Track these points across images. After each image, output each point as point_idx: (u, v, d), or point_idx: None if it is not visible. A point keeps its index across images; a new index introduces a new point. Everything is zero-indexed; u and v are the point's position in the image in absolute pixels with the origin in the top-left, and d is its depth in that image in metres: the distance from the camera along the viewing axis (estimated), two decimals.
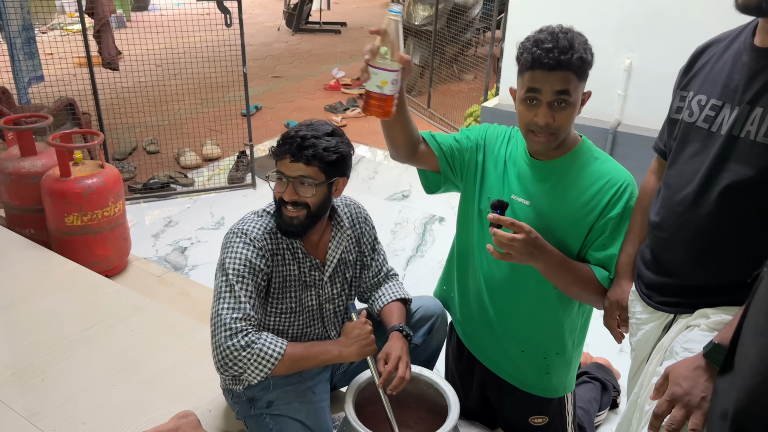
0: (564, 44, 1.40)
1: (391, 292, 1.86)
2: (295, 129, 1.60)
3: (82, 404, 1.96)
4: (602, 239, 1.53)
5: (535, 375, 1.74)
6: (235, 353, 1.53)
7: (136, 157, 4.42)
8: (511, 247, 1.41)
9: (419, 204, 3.91)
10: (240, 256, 1.60)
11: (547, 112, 1.44)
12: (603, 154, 1.59)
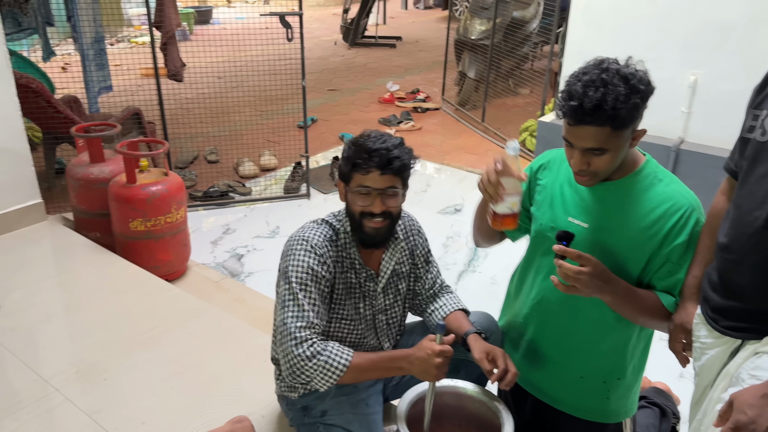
0: (597, 98, 1.32)
1: (451, 302, 1.87)
2: (371, 141, 1.59)
3: (141, 404, 2.03)
4: (668, 266, 1.48)
5: (594, 401, 1.69)
6: (302, 363, 1.55)
7: (197, 165, 4.55)
8: (577, 280, 1.39)
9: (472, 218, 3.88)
10: (302, 263, 1.62)
11: (581, 159, 1.41)
12: (668, 175, 1.52)
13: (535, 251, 1.68)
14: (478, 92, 5.85)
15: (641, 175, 1.50)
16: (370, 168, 1.57)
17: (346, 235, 1.69)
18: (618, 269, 1.50)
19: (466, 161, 4.82)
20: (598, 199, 1.53)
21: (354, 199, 1.62)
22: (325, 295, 1.65)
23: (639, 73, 1.38)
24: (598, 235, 1.52)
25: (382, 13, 11.16)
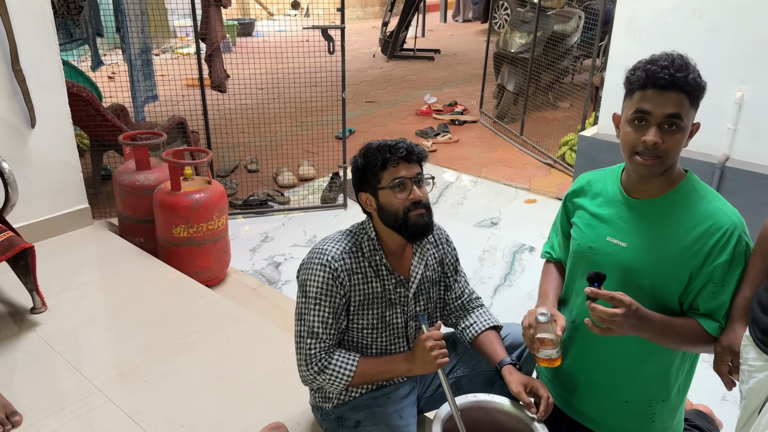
0: (680, 63, 1.37)
1: (483, 319, 1.85)
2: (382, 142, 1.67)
3: (181, 407, 2.07)
4: (711, 287, 1.44)
5: (638, 425, 1.65)
6: (310, 377, 1.69)
7: (238, 174, 4.64)
8: (611, 322, 1.38)
9: (508, 232, 3.86)
10: (317, 278, 1.65)
11: (657, 131, 1.39)
12: (710, 192, 1.48)
13: (575, 273, 1.66)
14: (517, 105, 5.82)
15: (682, 192, 1.47)
16: (399, 160, 1.63)
17: (370, 242, 1.71)
18: (659, 289, 1.48)
19: (503, 174, 4.80)
20: (638, 217, 1.51)
21: (391, 198, 1.64)
22: (339, 308, 1.68)
23: None
24: (637, 254, 1.49)
25: (420, 26, 11.21)
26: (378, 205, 1.67)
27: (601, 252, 1.56)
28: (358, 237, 1.72)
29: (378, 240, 1.72)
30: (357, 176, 1.70)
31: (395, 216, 1.66)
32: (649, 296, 1.50)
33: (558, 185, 4.53)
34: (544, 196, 4.39)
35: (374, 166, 1.64)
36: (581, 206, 1.66)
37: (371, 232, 1.72)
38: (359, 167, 1.68)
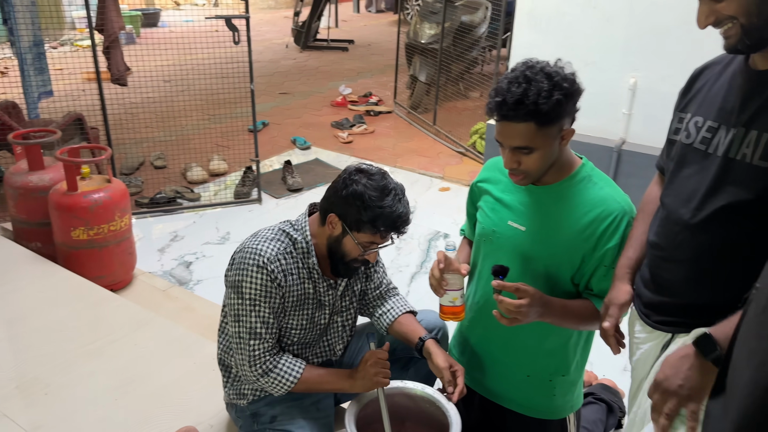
0: (520, 93, 1.35)
1: (399, 305, 1.89)
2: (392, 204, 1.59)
3: (85, 418, 1.97)
4: (602, 270, 1.52)
5: (540, 398, 1.73)
6: (254, 379, 1.66)
7: (144, 171, 4.45)
8: (518, 313, 1.44)
9: (424, 220, 3.91)
10: (254, 279, 1.60)
11: (511, 157, 1.46)
12: (602, 179, 1.55)
13: (479, 254, 1.71)
14: (429, 96, 5.90)
15: (576, 179, 1.54)
16: (378, 233, 1.61)
17: (306, 245, 1.68)
18: (552, 271, 1.55)
19: (418, 164, 4.86)
20: (535, 202, 1.57)
21: (353, 246, 1.63)
22: (276, 310, 1.65)
23: (564, 71, 1.41)
24: (535, 238, 1.55)
25: (333, 16, 11.15)
26: (338, 237, 1.64)
27: (503, 235, 1.61)
28: (292, 237, 1.68)
29: (311, 244, 1.69)
30: (345, 202, 1.60)
31: (342, 256, 1.67)
32: (544, 278, 1.57)
33: (470, 173, 4.64)
34: (457, 184, 4.49)
35: (369, 219, 1.58)
36: (487, 191, 1.70)
37: (307, 236, 1.68)
38: (356, 200, 1.58)
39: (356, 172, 1.62)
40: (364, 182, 1.59)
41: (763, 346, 0.62)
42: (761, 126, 1.13)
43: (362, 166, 1.64)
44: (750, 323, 0.68)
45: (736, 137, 1.17)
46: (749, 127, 1.15)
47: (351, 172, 1.63)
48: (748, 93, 1.17)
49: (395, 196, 1.60)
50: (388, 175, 1.64)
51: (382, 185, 1.60)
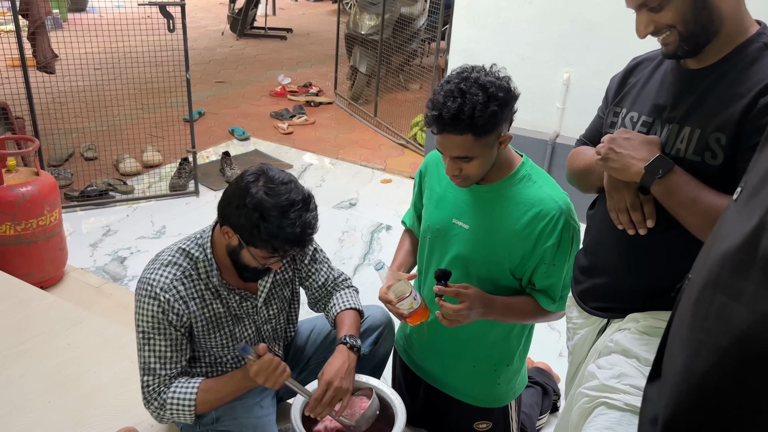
0: (452, 111, 1.37)
1: (341, 301, 1.85)
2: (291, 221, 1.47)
3: (14, 423, 1.88)
4: (543, 267, 1.56)
5: (485, 388, 1.77)
6: (155, 415, 1.62)
7: (73, 163, 4.26)
8: (458, 316, 1.48)
9: (366, 212, 3.93)
10: (147, 312, 1.54)
11: (452, 165, 1.49)
12: (541, 177, 1.59)
13: (424, 250, 1.73)
14: (370, 87, 5.91)
15: (516, 178, 1.57)
16: (274, 252, 1.51)
17: (207, 262, 1.59)
18: (492, 269, 1.60)
19: (360, 156, 4.86)
20: (478, 201, 1.60)
21: (250, 260, 1.55)
22: (177, 340, 1.58)
23: (499, 81, 1.42)
24: (478, 236, 1.59)
25: (271, 4, 10.95)
26: (235, 248, 1.55)
27: (448, 233, 1.64)
28: (192, 257, 1.60)
29: (215, 260, 1.61)
30: (242, 214, 1.47)
31: (244, 266, 1.59)
32: (486, 274, 1.61)
33: (411, 165, 4.68)
34: (399, 176, 4.52)
35: (266, 238, 1.46)
36: (430, 187, 1.73)
37: (208, 252, 1.59)
38: (253, 215, 1.45)
39: (256, 179, 1.47)
40: (261, 196, 1.44)
41: (696, 335, 0.66)
42: (694, 123, 1.20)
43: (264, 169, 1.50)
44: (682, 313, 0.72)
45: (671, 133, 1.23)
46: (683, 123, 1.22)
47: (249, 181, 1.47)
48: (680, 90, 1.24)
49: (297, 211, 1.46)
50: (295, 183, 1.51)
51: (283, 200, 1.45)
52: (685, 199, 1.14)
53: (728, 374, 0.61)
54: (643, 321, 1.31)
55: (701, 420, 0.64)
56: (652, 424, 0.73)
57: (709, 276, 0.66)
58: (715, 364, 0.62)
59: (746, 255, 0.61)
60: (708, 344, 0.64)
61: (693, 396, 0.65)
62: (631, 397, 1.24)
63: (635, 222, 1.25)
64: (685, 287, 0.75)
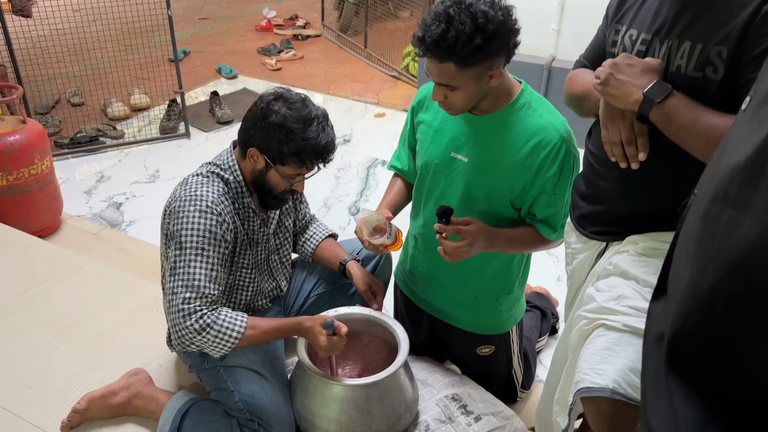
0: (434, 37, 1.32)
1: (320, 230, 1.92)
2: (315, 133, 1.52)
3: (26, 369, 1.92)
4: (544, 197, 1.55)
5: (487, 316, 1.80)
6: (191, 336, 1.49)
7: (60, 110, 4.18)
8: (460, 253, 1.48)
9: (361, 148, 3.89)
10: (199, 226, 1.50)
11: (437, 90, 1.45)
12: (542, 104, 1.55)
13: (423, 186, 1.72)
14: (359, 16, 5.72)
15: (516, 106, 1.53)
16: (305, 165, 1.54)
17: (238, 185, 1.62)
18: (493, 200, 1.59)
19: (351, 90, 4.77)
20: (477, 132, 1.57)
21: (280, 181, 1.58)
22: (225, 257, 1.56)
23: (495, 12, 1.33)
24: (477, 168, 1.57)
25: None
26: (261, 171, 1.58)
27: (446, 167, 1.62)
28: (224, 178, 1.61)
29: (245, 182, 1.64)
30: (266, 134, 1.51)
31: (270, 189, 1.61)
32: (487, 207, 1.60)
33: (404, 97, 4.59)
34: (392, 109, 4.45)
35: (293, 152, 1.51)
36: (424, 121, 1.69)
37: (238, 174, 1.62)
38: (278, 133, 1.49)
39: (275, 99, 1.53)
40: (285, 111, 1.50)
41: (703, 251, 0.66)
42: (694, 36, 1.16)
43: (281, 92, 1.55)
44: (689, 229, 0.71)
45: (671, 49, 1.20)
46: (682, 38, 1.18)
47: (269, 100, 1.53)
48: (680, 5, 1.19)
49: (319, 124, 1.52)
50: (310, 101, 1.57)
51: (304, 114, 1.51)
52: (685, 123, 1.11)
53: (737, 288, 0.61)
54: (642, 243, 1.31)
55: (709, 334, 0.65)
56: (658, 341, 0.74)
57: (717, 190, 0.65)
58: (723, 279, 0.62)
59: (756, 165, 0.59)
60: (716, 259, 0.63)
61: (701, 311, 0.65)
62: (629, 318, 1.26)
63: (629, 156, 1.23)
64: (692, 203, 0.74)
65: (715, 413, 0.63)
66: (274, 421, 1.59)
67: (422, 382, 1.85)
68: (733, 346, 0.62)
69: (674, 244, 0.76)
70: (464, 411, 1.76)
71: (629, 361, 1.22)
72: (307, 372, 1.59)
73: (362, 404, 1.58)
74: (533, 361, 2.06)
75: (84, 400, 1.71)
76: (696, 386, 0.66)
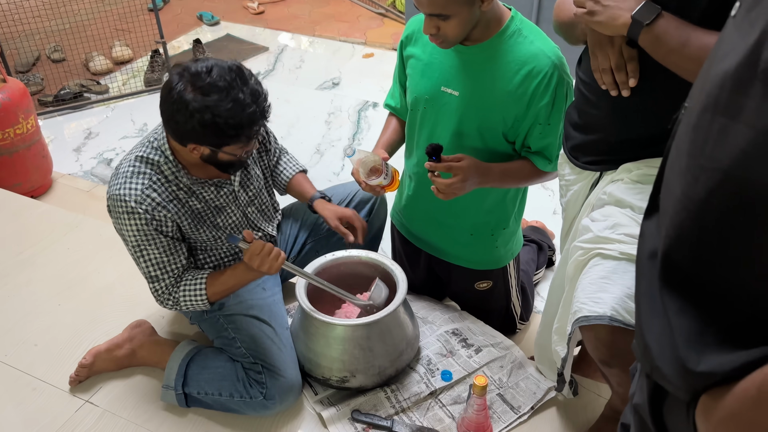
0: None
1: (291, 165, 1.91)
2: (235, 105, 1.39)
3: (30, 327, 1.94)
4: (538, 128, 1.53)
5: (484, 252, 1.81)
6: (172, 309, 1.66)
7: (41, 67, 4.08)
8: (453, 190, 1.46)
9: (351, 90, 3.82)
10: (131, 228, 1.51)
11: (429, 23, 1.41)
12: (532, 31, 1.51)
13: (415, 123, 1.69)
14: None
15: (506, 34, 1.49)
16: (248, 139, 1.47)
17: (170, 164, 1.54)
18: (486, 134, 1.56)
19: (338, 30, 4.64)
20: (466, 64, 1.53)
21: (231, 157, 1.50)
22: (168, 244, 1.56)
23: None
24: (468, 102, 1.54)
25: None
26: (210, 155, 1.49)
27: (437, 102, 1.59)
28: (154, 163, 1.53)
29: (179, 159, 1.55)
30: (194, 131, 1.40)
31: (226, 163, 1.53)
32: (480, 141, 1.58)
33: (392, 35, 4.48)
34: (381, 49, 4.35)
35: (230, 137, 1.42)
36: (413, 55, 1.65)
37: (168, 153, 1.53)
38: (206, 127, 1.39)
39: (183, 83, 1.38)
40: (199, 96, 1.37)
41: (695, 162, 0.65)
42: None
43: (183, 69, 1.40)
44: (680, 142, 0.70)
45: None
46: None
47: (179, 88, 1.37)
48: None
49: (239, 86, 1.39)
50: (216, 63, 1.41)
51: (221, 86, 1.38)
52: (675, 44, 1.08)
53: (729, 197, 0.60)
54: (636, 170, 1.30)
55: (702, 246, 0.64)
56: (651, 257, 0.73)
57: (708, 99, 0.64)
58: (716, 189, 0.61)
59: (747, 70, 0.58)
60: (708, 169, 0.62)
61: (694, 223, 0.65)
62: (625, 245, 1.26)
63: (619, 82, 1.20)
64: (682, 117, 0.72)
65: (710, 324, 0.63)
66: (278, 362, 1.62)
67: (422, 319, 1.87)
68: (726, 256, 0.62)
69: (665, 160, 0.75)
70: (465, 344, 1.80)
71: (626, 288, 1.23)
72: (308, 315, 1.61)
73: (364, 342, 1.60)
74: (531, 294, 2.09)
75: (89, 355, 1.74)
76: (690, 299, 0.66)
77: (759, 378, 0.57)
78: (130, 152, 1.58)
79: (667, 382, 0.68)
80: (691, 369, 0.63)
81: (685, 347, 0.64)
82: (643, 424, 0.77)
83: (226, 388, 1.62)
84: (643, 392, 0.76)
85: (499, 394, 1.69)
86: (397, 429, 1.58)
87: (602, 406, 1.64)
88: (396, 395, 1.66)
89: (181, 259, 1.60)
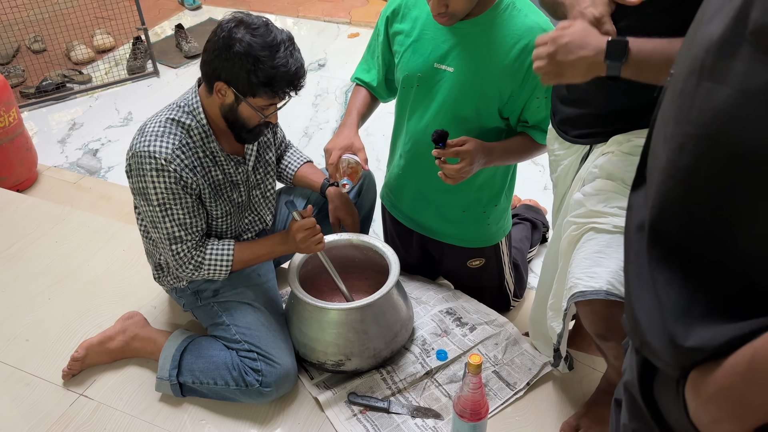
0: None
1: (296, 156, 1.90)
2: (282, 59, 1.43)
3: (20, 322, 1.92)
4: (535, 102, 1.51)
5: (476, 229, 1.80)
6: (190, 275, 1.64)
7: (21, 59, 4.00)
8: (462, 173, 1.47)
9: (337, 72, 3.77)
10: (157, 185, 1.49)
11: (436, 3, 1.39)
12: (526, 4, 1.49)
13: (406, 102, 1.66)
14: None
15: (500, 7, 1.47)
16: (275, 95, 1.46)
17: (201, 129, 1.54)
18: (483, 110, 1.54)
19: (321, 11, 4.58)
20: (461, 39, 1.50)
21: (253, 114, 1.50)
22: (192, 208, 1.56)
23: None
24: (464, 78, 1.52)
25: None
26: (231, 105, 1.49)
27: (431, 80, 1.56)
28: (184, 125, 1.53)
29: (209, 125, 1.56)
30: (232, 65, 1.41)
31: (243, 123, 1.52)
32: (476, 119, 1.56)
33: (377, 14, 4.40)
34: (366, 28, 4.30)
35: (263, 82, 1.42)
36: (401, 32, 1.62)
37: (202, 118, 1.54)
38: (245, 62, 1.40)
39: (236, 26, 1.42)
40: (249, 39, 1.40)
41: (681, 129, 0.63)
42: None
43: (240, 17, 1.45)
44: (666, 110, 0.68)
45: None
46: None
47: (230, 27, 1.42)
48: None
49: (286, 49, 1.44)
50: (273, 25, 1.47)
51: (269, 39, 1.42)
52: (660, 64, 1.04)
53: (716, 163, 0.59)
54: (626, 142, 1.29)
55: (690, 214, 0.63)
56: (639, 230, 0.72)
57: (694, 63, 0.62)
58: (702, 155, 0.60)
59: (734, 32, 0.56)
60: (694, 136, 0.61)
61: (680, 191, 0.63)
62: (618, 219, 1.25)
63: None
64: (668, 84, 0.71)
65: (699, 295, 0.62)
66: (273, 348, 1.61)
67: (416, 300, 1.87)
68: (715, 223, 0.61)
69: (651, 129, 0.74)
70: (459, 323, 1.79)
71: (621, 262, 1.21)
72: (301, 300, 1.60)
73: (358, 326, 1.59)
74: (525, 271, 2.08)
75: (82, 348, 1.72)
76: (678, 270, 0.65)
77: (748, 353, 0.56)
78: (156, 115, 1.56)
79: (656, 357, 0.67)
80: (679, 344, 0.62)
81: (673, 320, 0.63)
82: (633, 402, 0.76)
83: (222, 377, 1.61)
84: (633, 369, 0.75)
85: (494, 372, 1.69)
86: (394, 410, 1.58)
87: (598, 379, 1.65)
88: (392, 376, 1.66)
89: (202, 222, 1.61)
